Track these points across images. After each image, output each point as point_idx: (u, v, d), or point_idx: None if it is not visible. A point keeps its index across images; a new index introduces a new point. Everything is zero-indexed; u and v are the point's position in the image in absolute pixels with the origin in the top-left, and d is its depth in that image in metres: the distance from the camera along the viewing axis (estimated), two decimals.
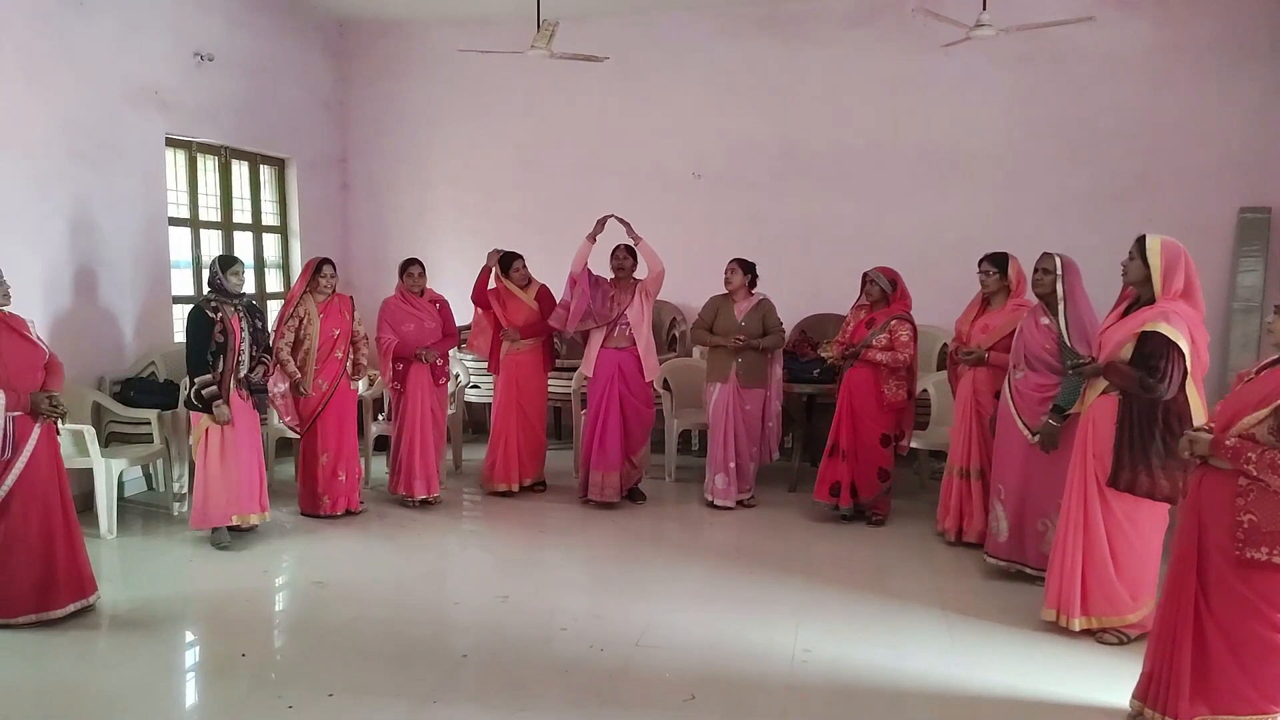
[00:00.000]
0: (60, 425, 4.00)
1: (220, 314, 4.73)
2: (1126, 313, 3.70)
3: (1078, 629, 3.78)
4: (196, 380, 4.67)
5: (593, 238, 5.67)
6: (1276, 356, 2.85)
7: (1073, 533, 3.77)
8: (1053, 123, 6.73)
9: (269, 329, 5.20)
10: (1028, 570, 4.41)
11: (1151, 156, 6.55)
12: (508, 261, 5.94)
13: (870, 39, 7.00)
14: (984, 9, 5.49)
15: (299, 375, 5.28)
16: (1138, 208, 6.37)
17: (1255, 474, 2.72)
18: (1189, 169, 6.48)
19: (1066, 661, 3.65)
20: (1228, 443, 2.79)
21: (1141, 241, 3.61)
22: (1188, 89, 6.48)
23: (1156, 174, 6.53)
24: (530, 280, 6.01)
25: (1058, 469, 4.09)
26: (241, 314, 4.84)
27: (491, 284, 5.96)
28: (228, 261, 4.87)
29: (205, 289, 5.08)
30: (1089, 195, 6.63)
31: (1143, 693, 3.10)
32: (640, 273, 5.75)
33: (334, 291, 5.43)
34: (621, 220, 5.69)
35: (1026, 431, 4.31)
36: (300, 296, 5.35)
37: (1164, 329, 3.46)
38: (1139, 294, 3.67)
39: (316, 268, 5.39)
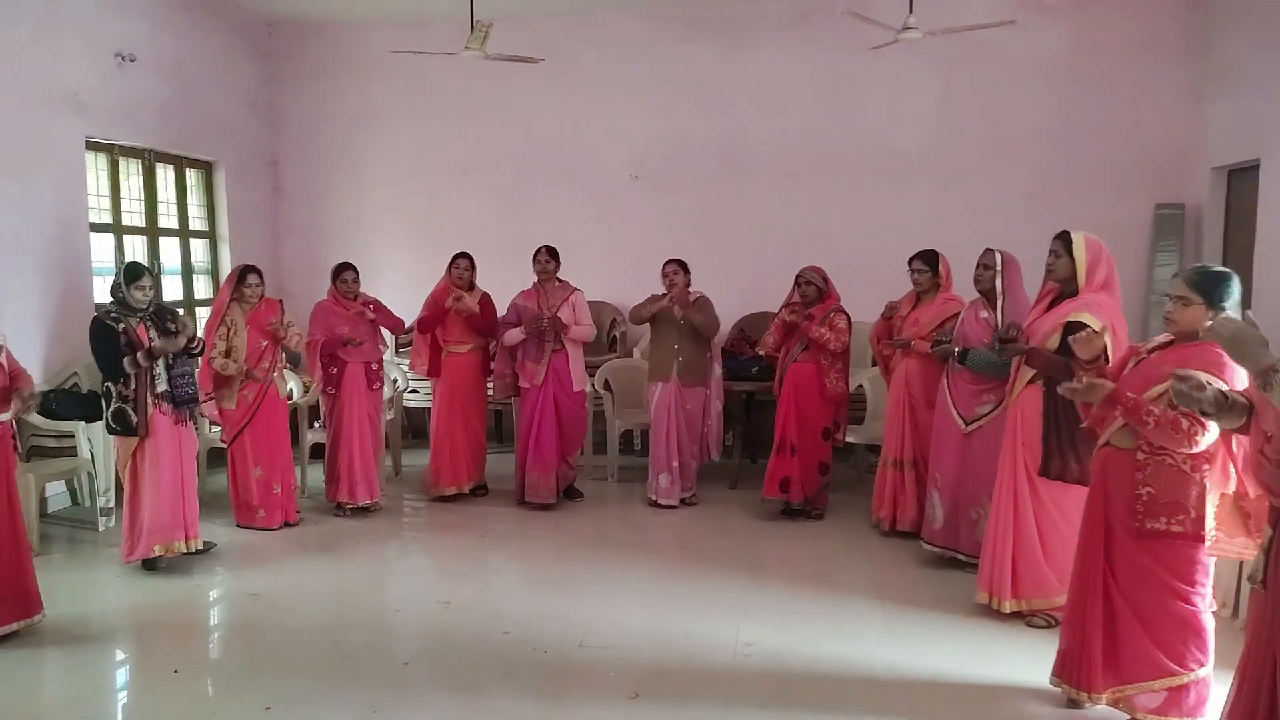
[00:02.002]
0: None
1: (123, 325, 4.31)
2: (1050, 306, 3.83)
3: (1008, 611, 3.90)
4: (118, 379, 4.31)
5: (525, 332, 5.63)
6: (1169, 338, 2.97)
7: (1003, 519, 3.89)
8: (979, 123, 6.92)
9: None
10: (960, 557, 4.53)
11: (1072, 156, 6.78)
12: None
13: (803, 41, 7.10)
14: (910, 12, 5.62)
15: (244, 370, 5.12)
16: (1060, 205, 6.56)
17: (1152, 427, 2.79)
18: (1108, 168, 6.72)
19: (998, 645, 3.76)
20: (1129, 394, 2.88)
21: (1066, 238, 3.73)
22: (1106, 91, 6.71)
23: (1077, 173, 6.76)
24: (473, 285, 5.94)
25: (991, 461, 4.20)
26: (149, 324, 4.39)
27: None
28: (134, 273, 4.38)
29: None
30: (1014, 194, 6.82)
31: (1060, 669, 3.21)
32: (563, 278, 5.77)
33: (261, 299, 5.29)
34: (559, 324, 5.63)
35: (961, 421, 4.43)
36: (227, 306, 5.22)
37: (1088, 319, 3.58)
38: (1063, 289, 3.79)
39: (240, 276, 5.25)
